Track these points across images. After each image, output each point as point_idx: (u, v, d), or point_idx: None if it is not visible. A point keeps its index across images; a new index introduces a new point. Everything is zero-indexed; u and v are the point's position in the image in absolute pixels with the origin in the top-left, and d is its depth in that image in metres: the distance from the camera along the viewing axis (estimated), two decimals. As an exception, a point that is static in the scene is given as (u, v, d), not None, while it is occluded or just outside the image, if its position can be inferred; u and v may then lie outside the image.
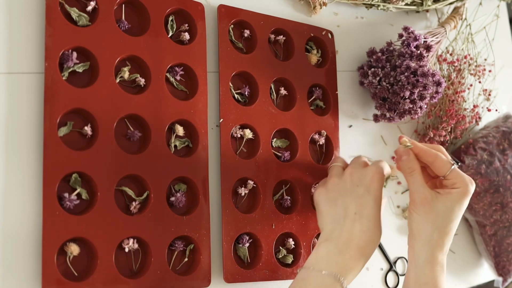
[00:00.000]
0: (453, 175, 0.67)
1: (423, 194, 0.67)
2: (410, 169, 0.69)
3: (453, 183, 0.67)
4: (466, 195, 0.67)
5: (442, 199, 0.67)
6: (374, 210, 0.66)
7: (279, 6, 0.83)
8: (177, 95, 0.71)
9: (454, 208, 0.66)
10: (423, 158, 0.69)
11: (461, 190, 0.66)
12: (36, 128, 0.60)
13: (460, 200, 0.66)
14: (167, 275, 0.65)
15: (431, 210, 0.66)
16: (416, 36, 0.81)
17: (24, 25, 0.62)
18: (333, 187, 0.71)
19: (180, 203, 0.68)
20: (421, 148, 0.69)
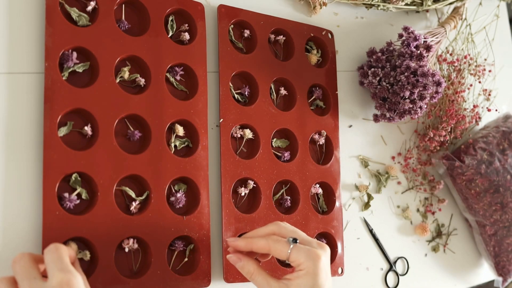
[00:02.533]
0: (294, 256, 0.60)
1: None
2: (249, 273, 0.62)
3: (298, 264, 0.60)
4: (316, 274, 0.59)
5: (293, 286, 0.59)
6: None
7: (279, 6, 0.83)
8: (177, 95, 0.71)
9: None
10: (256, 250, 0.62)
11: (306, 271, 0.59)
12: (36, 128, 0.60)
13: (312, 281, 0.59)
14: (167, 275, 0.65)
15: None
16: (416, 36, 0.81)
17: (24, 25, 0.62)
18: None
19: (180, 203, 0.68)
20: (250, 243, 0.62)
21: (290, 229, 0.64)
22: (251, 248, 0.62)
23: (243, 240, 0.63)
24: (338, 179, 0.82)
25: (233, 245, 0.64)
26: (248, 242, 0.63)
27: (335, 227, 0.81)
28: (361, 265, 0.85)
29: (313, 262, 0.60)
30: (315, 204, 0.81)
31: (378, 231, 0.87)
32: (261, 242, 0.62)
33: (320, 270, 0.60)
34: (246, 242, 0.63)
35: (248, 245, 0.62)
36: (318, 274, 0.60)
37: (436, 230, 0.97)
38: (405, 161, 0.94)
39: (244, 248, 0.63)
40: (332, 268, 0.79)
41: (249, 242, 0.62)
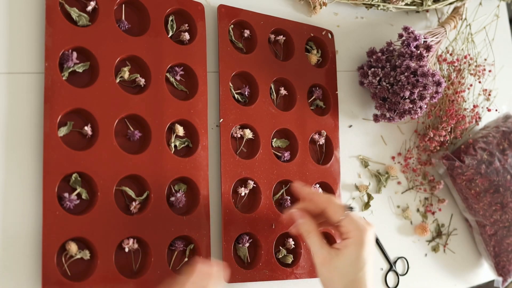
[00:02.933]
0: (346, 221, 0.62)
1: (322, 255, 0.63)
2: (306, 231, 0.65)
3: (347, 231, 0.62)
4: (362, 245, 0.61)
5: (340, 256, 0.62)
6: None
7: (279, 6, 0.83)
8: (177, 95, 0.71)
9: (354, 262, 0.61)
10: (316, 204, 0.65)
11: (355, 240, 0.62)
12: (36, 128, 0.60)
13: (357, 252, 0.61)
14: (167, 275, 0.65)
15: (334, 269, 0.62)
16: (416, 36, 0.81)
17: (24, 25, 0.62)
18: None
19: (180, 203, 0.68)
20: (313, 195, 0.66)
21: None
22: (312, 197, 0.66)
23: (307, 188, 0.67)
24: (338, 179, 0.82)
25: (297, 188, 0.67)
26: (311, 192, 0.67)
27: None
28: (361, 265, 0.85)
29: (361, 233, 0.62)
30: (315, 204, 0.81)
31: (378, 231, 0.87)
32: (323, 196, 0.66)
33: (366, 243, 0.62)
34: (310, 190, 0.67)
35: (311, 194, 0.67)
36: (364, 246, 0.62)
37: (436, 230, 0.97)
38: (405, 161, 0.94)
39: (306, 195, 0.67)
40: (332, 268, 0.79)
41: (312, 192, 0.67)
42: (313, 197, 0.66)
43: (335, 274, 0.62)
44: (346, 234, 0.63)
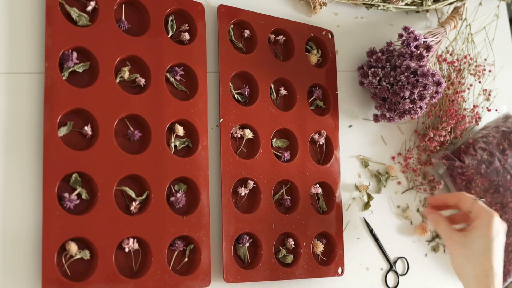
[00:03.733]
0: (476, 208, 0.74)
1: (452, 237, 0.74)
2: (436, 222, 0.78)
3: (476, 215, 0.73)
4: (490, 225, 0.72)
5: (470, 235, 0.72)
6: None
7: (279, 6, 0.83)
8: (177, 95, 0.71)
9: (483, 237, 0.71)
10: (448, 202, 0.79)
11: (483, 220, 0.72)
12: (36, 128, 0.60)
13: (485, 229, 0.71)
14: (167, 275, 0.65)
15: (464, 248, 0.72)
16: (416, 36, 0.81)
17: (24, 25, 0.62)
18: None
19: (180, 203, 0.68)
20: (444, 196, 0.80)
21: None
22: (445, 199, 0.80)
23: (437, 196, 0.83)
24: (338, 179, 0.82)
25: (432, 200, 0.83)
26: (442, 196, 0.82)
27: (335, 227, 0.81)
28: (361, 265, 0.85)
29: (489, 216, 0.73)
30: (315, 204, 0.81)
31: (378, 231, 0.87)
32: (453, 195, 0.80)
33: (494, 225, 0.72)
34: (440, 196, 0.82)
35: (442, 198, 0.81)
36: (492, 227, 0.72)
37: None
38: (405, 161, 0.94)
39: (439, 201, 0.81)
40: (332, 268, 0.79)
41: (442, 196, 0.82)
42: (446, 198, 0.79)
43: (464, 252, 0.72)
44: (475, 217, 0.73)
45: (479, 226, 0.72)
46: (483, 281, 0.70)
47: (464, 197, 0.76)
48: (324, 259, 0.80)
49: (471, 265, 0.71)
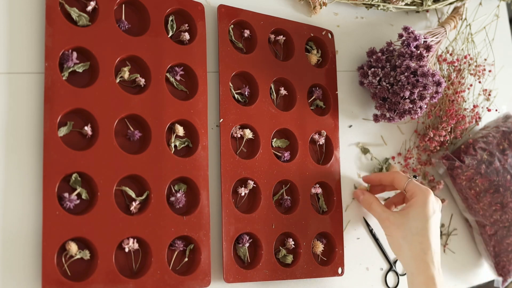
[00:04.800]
0: (410, 186, 0.73)
1: (388, 218, 0.72)
2: (368, 203, 0.76)
3: (411, 194, 0.72)
4: (426, 203, 0.70)
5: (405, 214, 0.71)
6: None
7: (279, 6, 0.83)
8: (177, 95, 0.71)
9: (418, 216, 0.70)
10: (383, 181, 0.77)
11: (418, 199, 0.71)
12: (36, 128, 0.60)
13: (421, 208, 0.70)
14: (167, 275, 0.65)
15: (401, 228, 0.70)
16: (416, 36, 0.81)
17: (24, 25, 0.62)
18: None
19: (180, 203, 0.68)
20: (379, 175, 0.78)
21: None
22: (379, 178, 0.79)
23: (372, 175, 0.81)
24: (338, 179, 0.82)
25: (366, 179, 0.81)
26: (376, 175, 0.80)
27: (335, 227, 0.81)
28: (361, 265, 0.85)
29: (424, 194, 0.72)
30: (315, 204, 0.81)
31: (378, 231, 0.87)
32: (387, 174, 0.79)
33: (429, 202, 0.71)
34: (375, 175, 0.80)
35: (377, 177, 0.79)
36: (428, 205, 0.71)
37: (436, 230, 0.97)
38: (405, 161, 0.94)
39: (374, 179, 0.80)
40: (332, 268, 0.79)
41: (377, 175, 0.80)
42: (380, 177, 0.78)
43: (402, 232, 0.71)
44: (410, 196, 0.72)
45: (414, 204, 0.71)
46: (423, 259, 0.69)
47: (398, 176, 0.75)
48: (324, 259, 0.80)
49: (409, 245, 0.70)
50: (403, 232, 0.71)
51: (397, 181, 0.75)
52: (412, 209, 0.71)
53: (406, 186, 0.73)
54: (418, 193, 0.72)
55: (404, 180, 0.74)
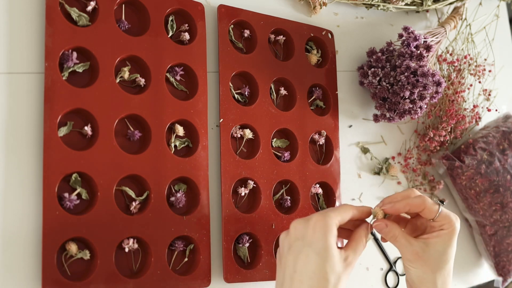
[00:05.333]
0: (441, 217, 0.64)
1: (413, 251, 0.64)
2: (393, 237, 0.65)
3: (440, 224, 0.65)
4: (454, 234, 0.65)
5: (433, 245, 0.64)
6: (317, 265, 0.58)
7: (279, 6, 0.83)
8: (177, 95, 0.71)
9: (447, 250, 0.64)
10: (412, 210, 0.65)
11: (450, 230, 0.64)
12: (36, 128, 0.60)
13: (450, 240, 0.64)
14: (167, 275, 0.65)
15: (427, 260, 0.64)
16: (416, 36, 0.81)
17: (24, 25, 0.62)
18: (280, 244, 0.64)
19: (180, 203, 0.68)
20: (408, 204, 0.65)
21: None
22: (409, 207, 0.65)
23: (401, 203, 0.65)
24: (338, 179, 0.82)
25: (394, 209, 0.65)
26: (405, 203, 0.65)
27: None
28: (361, 265, 0.85)
29: (454, 223, 0.64)
30: (315, 204, 0.81)
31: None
32: (417, 200, 0.64)
33: (457, 232, 0.65)
34: (404, 203, 0.65)
35: (407, 206, 0.65)
36: (456, 235, 0.64)
37: (436, 230, 0.97)
38: (405, 161, 0.94)
39: (403, 209, 0.65)
40: (332, 268, 0.79)
41: (406, 203, 0.65)
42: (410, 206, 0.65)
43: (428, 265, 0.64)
44: (439, 227, 0.65)
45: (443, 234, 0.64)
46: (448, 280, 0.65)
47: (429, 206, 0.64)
48: (324, 259, 0.79)
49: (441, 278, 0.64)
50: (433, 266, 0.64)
51: (428, 211, 0.64)
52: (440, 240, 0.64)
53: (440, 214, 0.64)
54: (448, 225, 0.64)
55: (435, 209, 0.64)
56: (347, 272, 0.60)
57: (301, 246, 0.60)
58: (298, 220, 0.62)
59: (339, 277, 0.59)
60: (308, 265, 0.58)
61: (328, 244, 0.59)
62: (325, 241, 0.59)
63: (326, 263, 0.58)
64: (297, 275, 0.58)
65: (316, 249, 0.59)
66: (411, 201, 0.64)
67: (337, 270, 0.59)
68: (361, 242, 0.63)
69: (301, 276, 0.58)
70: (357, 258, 0.62)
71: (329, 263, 0.58)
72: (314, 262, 0.58)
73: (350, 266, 0.61)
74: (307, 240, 0.60)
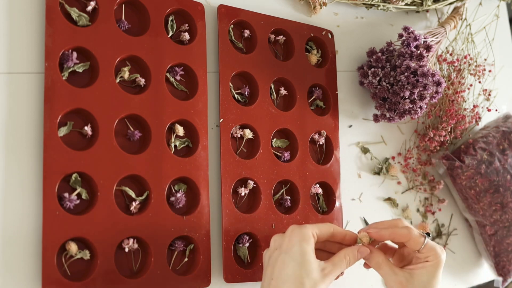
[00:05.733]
0: (426, 248, 0.64)
1: (397, 280, 0.64)
2: (377, 264, 0.65)
3: (426, 256, 0.64)
4: (439, 266, 0.65)
5: (418, 276, 0.64)
6: (293, 270, 0.59)
7: (279, 6, 0.83)
8: (177, 95, 0.71)
9: (431, 281, 0.64)
10: (395, 240, 0.66)
11: (435, 262, 0.64)
12: (36, 128, 0.60)
13: (435, 272, 0.64)
14: (167, 275, 0.65)
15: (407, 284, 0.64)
16: (416, 36, 0.81)
17: (24, 25, 0.62)
18: (263, 259, 0.66)
19: (180, 203, 0.68)
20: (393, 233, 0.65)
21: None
22: (394, 235, 0.65)
23: (386, 230, 0.65)
24: (338, 179, 0.82)
25: (378, 235, 0.65)
26: (391, 232, 0.65)
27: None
28: (361, 265, 0.85)
29: (439, 256, 0.64)
30: (315, 204, 0.81)
31: (378, 231, 0.87)
32: (403, 230, 0.64)
33: (443, 264, 0.65)
34: (390, 231, 0.65)
35: (392, 234, 0.65)
36: (441, 267, 0.64)
37: (436, 230, 0.97)
38: (405, 161, 0.94)
39: (388, 236, 0.66)
40: (332, 268, 0.79)
41: (392, 232, 0.65)
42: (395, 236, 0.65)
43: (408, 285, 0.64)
44: (424, 258, 0.64)
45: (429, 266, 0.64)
46: None
47: (414, 237, 0.64)
48: (324, 259, 0.80)
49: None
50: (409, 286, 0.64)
51: (413, 242, 0.64)
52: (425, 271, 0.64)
53: (425, 247, 0.64)
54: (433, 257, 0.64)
55: (421, 241, 0.64)
56: (323, 282, 0.61)
57: (278, 255, 0.61)
58: (277, 234, 0.65)
59: (315, 284, 0.60)
60: (284, 270, 0.60)
61: (303, 250, 0.60)
62: (300, 247, 0.60)
63: (301, 268, 0.59)
64: (274, 282, 0.60)
65: (292, 255, 0.60)
66: (397, 230, 0.65)
67: (313, 277, 0.60)
68: (343, 259, 0.64)
69: (277, 282, 0.60)
70: (335, 272, 0.63)
71: (304, 269, 0.59)
72: (290, 267, 0.60)
73: (327, 278, 0.61)
74: (284, 248, 0.61)
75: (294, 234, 0.62)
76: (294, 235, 0.62)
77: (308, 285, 0.59)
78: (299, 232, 0.62)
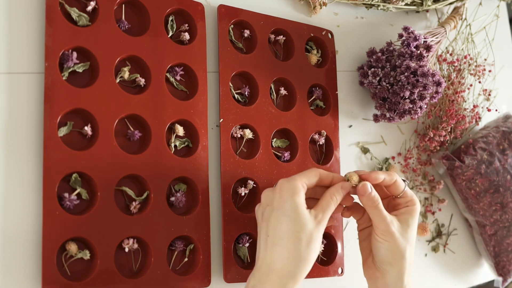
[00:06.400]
0: (409, 193, 0.68)
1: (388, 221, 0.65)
2: (375, 201, 0.65)
3: (406, 201, 0.68)
4: (418, 210, 0.68)
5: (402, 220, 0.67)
6: (287, 226, 0.60)
7: (279, 6, 0.83)
8: (177, 95, 0.71)
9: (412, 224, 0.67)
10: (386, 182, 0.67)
11: (416, 206, 0.68)
12: (36, 128, 0.60)
13: (414, 215, 0.68)
14: (167, 275, 0.65)
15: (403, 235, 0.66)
16: (416, 36, 0.81)
17: (24, 25, 0.62)
18: (256, 215, 0.67)
19: (180, 203, 0.68)
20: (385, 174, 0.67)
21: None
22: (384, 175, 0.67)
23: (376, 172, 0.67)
24: (338, 179, 0.82)
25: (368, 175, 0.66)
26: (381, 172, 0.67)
27: (335, 227, 0.81)
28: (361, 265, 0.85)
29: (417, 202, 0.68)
30: (315, 204, 0.81)
31: (378, 231, 0.87)
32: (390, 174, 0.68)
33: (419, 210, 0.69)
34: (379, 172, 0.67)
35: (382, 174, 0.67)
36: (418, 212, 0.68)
37: (436, 230, 0.97)
38: (405, 161, 0.94)
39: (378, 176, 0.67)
40: (332, 268, 0.79)
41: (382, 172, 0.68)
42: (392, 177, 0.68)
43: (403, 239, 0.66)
44: (404, 204, 0.68)
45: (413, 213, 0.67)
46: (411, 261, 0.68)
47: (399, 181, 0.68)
48: (324, 259, 0.80)
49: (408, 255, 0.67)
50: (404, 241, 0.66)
51: (397, 185, 0.67)
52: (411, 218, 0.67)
53: (406, 190, 0.68)
54: (416, 201, 0.68)
55: (402, 185, 0.68)
56: (318, 230, 0.62)
57: (271, 211, 0.62)
58: (267, 189, 0.66)
59: (311, 235, 0.61)
60: (279, 227, 0.60)
61: (295, 204, 0.61)
62: (292, 201, 0.61)
63: (296, 223, 0.60)
64: (270, 239, 0.61)
65: (284, 211, 0.61)
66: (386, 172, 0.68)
67: (308, 229, 0.60)
68: (330, 200, 0.64)
69: (274, 239, 0.60)
70: (326, 216, 0.63)
71: (299, 222, 0.60)
72: (284, 223, 0.60)
73: (320, 224, 0.62)
74: (275, 204, 0.62)
75: (284, 189, 0.62)
76: (284, 189, 0.62)
77: (304, 238, 0.60)
78: (288, 186, 0.62)
